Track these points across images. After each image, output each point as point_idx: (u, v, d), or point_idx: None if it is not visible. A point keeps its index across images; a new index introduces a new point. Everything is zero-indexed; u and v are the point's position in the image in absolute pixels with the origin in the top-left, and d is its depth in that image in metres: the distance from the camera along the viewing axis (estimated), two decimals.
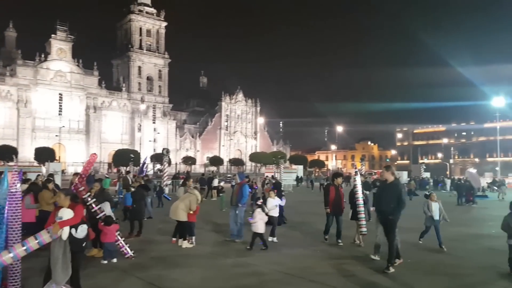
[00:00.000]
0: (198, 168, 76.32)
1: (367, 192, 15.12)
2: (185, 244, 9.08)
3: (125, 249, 7.88)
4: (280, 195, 11.48)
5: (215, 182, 24.72)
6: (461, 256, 8.55)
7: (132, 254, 7.87)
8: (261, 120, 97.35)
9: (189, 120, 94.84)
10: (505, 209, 10.63)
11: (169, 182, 28.46)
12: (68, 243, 4.74)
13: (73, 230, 4.97)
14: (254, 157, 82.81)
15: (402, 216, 7.36)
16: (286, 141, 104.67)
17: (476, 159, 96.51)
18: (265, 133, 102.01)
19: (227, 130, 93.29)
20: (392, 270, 6.98)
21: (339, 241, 9.50)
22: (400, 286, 6.32)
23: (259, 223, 8.82)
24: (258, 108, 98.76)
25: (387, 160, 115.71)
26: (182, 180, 24.90)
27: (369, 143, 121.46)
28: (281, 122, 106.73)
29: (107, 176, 29.61)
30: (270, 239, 9.78)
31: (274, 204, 10.01)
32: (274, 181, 20.44)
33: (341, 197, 9.54)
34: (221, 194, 19.57)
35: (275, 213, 9.98)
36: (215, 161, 77.96)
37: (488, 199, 25.79)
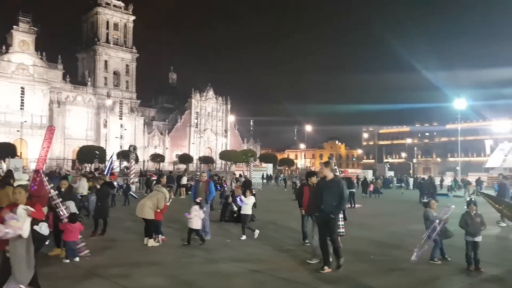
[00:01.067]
0: (167, 166, 75.28)
1: None
2: (151, 242, 8.97)
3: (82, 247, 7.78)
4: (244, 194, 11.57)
5: (184, 180, 24.49)
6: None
7: (86, 253, 7.77)
8: (231, 118, 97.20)
9: (158, 116, 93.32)
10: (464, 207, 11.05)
11: (136, 180, 27.94)
12: (32, 241, 4.60)
13: (37, 227, 4.83)
14: (224, 155, 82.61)
15: (364, 213, 7.56)
16: (256, 140, 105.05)
17: (438, 159, 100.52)
18: (236, 131, 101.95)
19: (197, 127, 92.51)
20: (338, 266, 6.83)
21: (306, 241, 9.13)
22: (360, 282, 6.51)
23: (194, 219, 9.01)
24: (229, 106, 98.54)
25: (354, 159, 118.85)
26: (154, 178, 24.57)
27: (336, 142, 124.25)
28: (251, 121, 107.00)
29: (68, 172, 28.70)
30: (243, 237, 9.90)
31: (252, 201, 10.19)
32: (243, 179, 20.55)
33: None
34: (189, 192, 19.42)
35: (248, 211, 10.08)
36: (185, 158, 77.18)
37: (449, 198, 26.92)
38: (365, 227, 12.18)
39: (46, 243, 5.17)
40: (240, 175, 30.00)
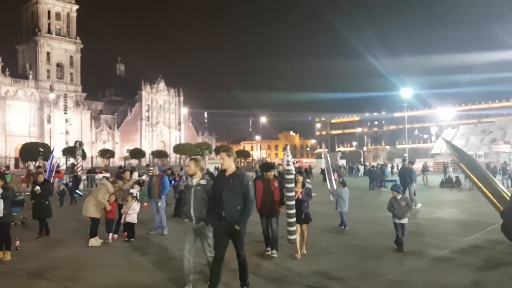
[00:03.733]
0: (117, 162, 72.76)
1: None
2: (91, 242, 8.50)
3: None
4: None
5: (135, 175, 23.71)
6: (368, 237, 9.20)
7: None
8: (184, 110, 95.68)
9: (106, 110, 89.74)
10: (417, 193, 11.61)
11: (84, 177, 26.73)
12: None
13: None
14: (178, 148, 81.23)
15: (317, 201, 7.62)
16: (211, 132, 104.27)
17: (387, 146, 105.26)
18: (190, 124, 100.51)
19: (148, 120, 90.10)
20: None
21: (273, 252, 7.29)
22: (313, 269, 6.62)
23: (133, 214, 8.90)
24: (182, 98, 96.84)
25: (308, 149, 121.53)
26: (102, 175, 23.44)
27: (291, 133, 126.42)
28: (205, 113, 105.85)
29: (6, 171, 26.81)
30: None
31: None
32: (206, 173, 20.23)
33: (273, 194, 7.22)
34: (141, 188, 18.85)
35: None
36: (136, 153, 75.06)
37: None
38: (318, 215, 12.43)
39: None
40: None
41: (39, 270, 6.73)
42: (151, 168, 11.45)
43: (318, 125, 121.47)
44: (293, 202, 6.90)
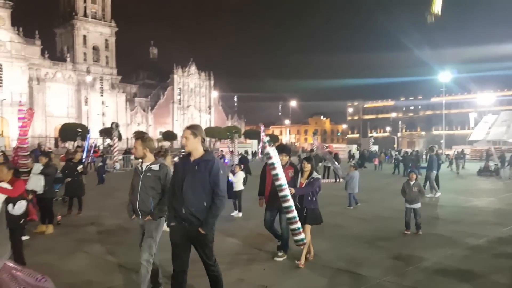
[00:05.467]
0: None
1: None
2: None
3: None
4: (248, 171, 11.51)
5: (168, 159, 24.27)
6: (401, 224, 9.03)
7: None
8: (215, 94, 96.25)
9: (140, 93, 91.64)
10: (447, 180, 11.24)
11: (120, 157, 27.65)
12: (4, 220, 4.49)
13: (9, 206, 4.73)
14: (208, 132, 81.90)
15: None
16: (241, 116, 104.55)
17: (423, 132, 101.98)
18: (220, 108, 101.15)
19: (180, 104, 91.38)
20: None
21: (279, 253, 6.15)
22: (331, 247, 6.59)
23: None
24: (212, 82, 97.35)
25: (338, 134, 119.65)
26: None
27: (321, 117, 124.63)
28: (235, 97, 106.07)
29: (50, 150, 28.11)
30: (234, 213, 9.84)
31: (241, 177, 10.13)
32: (240, 156, 20.45)
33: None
34: None
35: (239, 187, 10.02)
36: (168, 136, 76.52)
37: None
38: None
39: (21, 222, 5.06)
40: (246, 152, 29.92)
41: (78, 243, 7.08)
42: (183, 151, 11.62)
43: (350, 110, 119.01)
44: (285, 193, 5.24)
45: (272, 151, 5.29)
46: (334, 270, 5.63)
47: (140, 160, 4.45)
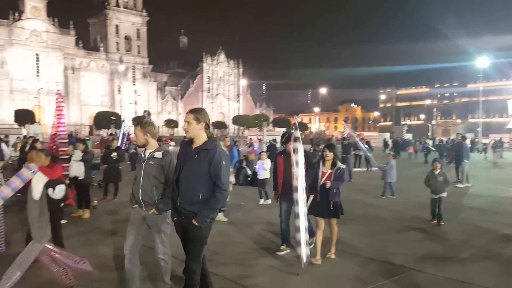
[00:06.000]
0: (180, 131, 75.72)
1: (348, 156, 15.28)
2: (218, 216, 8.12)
3: None
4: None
5: None
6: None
7: None
8: (243, 82, 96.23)
9: (170, 82, 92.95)
10: (484, 170, 10.81)
11: None
12: (46, 203, 4.67)
13: (50, 190, 4.91)
14: (237, 120, 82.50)
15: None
16: (269, 104, 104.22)
17: (458, 120, 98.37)
18: (248, 96, 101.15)
19: (209, 92, 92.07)
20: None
21: (282, 247, 5.81)
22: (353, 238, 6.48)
23: None
24: (241, 70, 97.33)
25: (370, 122, 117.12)
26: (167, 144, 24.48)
27: (352, 105, 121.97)
28: (264, 85, 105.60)
29: (87, 137, 29.19)
30: (262, 201, 9.87)
31: (269, 164, 10.04)
32: (269, 144, 20.39)
33: None
34: None
35: (266, 175, 10.02)
36: None
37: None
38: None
39: (61, 205, 5.26)
40: (274, 140, 29.89)
41: (114, 227, 7.31)
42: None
43: (383, 97, 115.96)
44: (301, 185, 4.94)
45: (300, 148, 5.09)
46: (366, 259, 5.55)
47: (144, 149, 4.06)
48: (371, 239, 6.63)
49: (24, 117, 50.04)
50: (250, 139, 32.17)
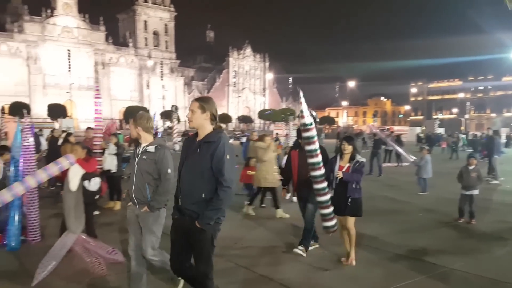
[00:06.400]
0: None
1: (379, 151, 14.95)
2: (279, 213, 7.70)
3: None
4: None
5: None
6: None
7: None
8: (270, 76, 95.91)
9: (197, 76, 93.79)
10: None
11: (179, 139, 28.68)
12: (81, 195, 4.80)
13: (86, 182, 5.04)
14: (262, 114, 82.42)
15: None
16: (295, 98, 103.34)
17: (493, 114, 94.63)
18: (274, 90, 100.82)
19: (235, 86, 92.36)
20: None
21: (299, 247, 5.37)
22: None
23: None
24: (267, 64, 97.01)
25: (400, 116, 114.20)
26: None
27: (382, 98, 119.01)
28: (290, 78, 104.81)
29: (118, 131, 29.85)
30: (288, 196, 9.78)
31: None
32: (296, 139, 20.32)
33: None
34: None
35: None
36: (224, 118, 77.75)
37: (504, 155, 25.39)
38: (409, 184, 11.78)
39: (96, 197, 5.40)
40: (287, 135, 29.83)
41: None
42: (238, 132, 11.72)
43: (414, 90, 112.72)
44: (321, 172, 4.61)
45: (311, 120, 4.50)
46: (396, 255, 5.43)
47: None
48: (401, 235, 6.48)
49: (57, 111, 51.75)
50: (277, 133, 32.08)
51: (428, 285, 4.54)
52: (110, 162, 8.29)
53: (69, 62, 70.05)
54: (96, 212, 6.98)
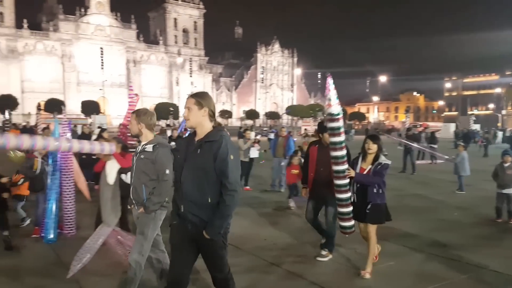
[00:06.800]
0: (234, 122, 76.83)
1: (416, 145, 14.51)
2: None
3: None
4: None
5: (252, 135, 24.76)
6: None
7: None
8: (298, 71, 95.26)
9: (225, 73, 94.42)
10: None
11: None
12: (118, 188, 4.86)
13: (123, 175, 5.09)
14: (290, 110, 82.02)
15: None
16: (324, 93, 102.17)
17: None
18: (302, 85, 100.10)
19: (262, 82, 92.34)
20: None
21: (323, 252, 5.09)
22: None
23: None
24: (295, 59, 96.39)
25: (434, 111, 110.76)
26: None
27: (414, 93, 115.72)
28: (319, 74, 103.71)
29: None
30: None
31: None
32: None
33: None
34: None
35: None
36: (251, 114, 78.03)
37: None
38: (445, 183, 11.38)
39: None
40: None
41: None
42: (266, 128, 11.66)
43: (448, 85, 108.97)
44: (344, 167, 4.08)
45: (339, 109, 4.01)
46: (431, 256, 5.24)
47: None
48: (436, 234, 6.24)
49: (90, 108, 53.38)
50: (305, 129, 31.86)
51: (466, 286, 4.36)
52: None
53: (102, 59, 72.07)
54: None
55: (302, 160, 8.19)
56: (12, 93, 53.56)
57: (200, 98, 2.92)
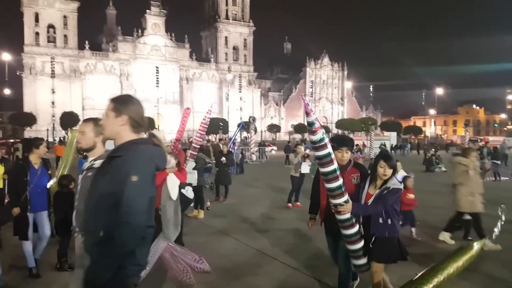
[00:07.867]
0: (282, 136, 76.81)
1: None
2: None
3: None
4: None
5: (302, 150, 24.55)
6: None
7: None
8: (348, 84, 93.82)
9: (273, 87, 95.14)
10: None
11: (256, 149, 29.12)
12: (179, 203, 4.95)
13: (183, 190, 5.19)
14: (341, 124, 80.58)
15: None
16: (376, 107, 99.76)
17: None
18: (353, 99, 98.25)
19: (311, 96, 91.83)
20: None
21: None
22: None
23: None
24: (345, 72, 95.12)
25: (495, 125, 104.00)
26: (270, 148, 24.95)
27: (474, 106, 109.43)
28: (371, 86, 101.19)
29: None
30: None
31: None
32: (380, 150, 19.52)
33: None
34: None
35: None
36: (300, 128, 77.55)
37: None
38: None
39: (191, 205, 5.58)
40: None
41: (226, 227, 7.61)
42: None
43: (510, 97, 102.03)
44: (345, 199, 3.35)
45: (323, 135, 3.16)
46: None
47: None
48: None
49: (147, 123, 55.81)
50: (357, 144, 31.11)
51: None
52: (190, 177, 8.47)
53: (157, 78, 75.52)
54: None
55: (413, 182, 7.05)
56: (74, 110, 57.52)
57: (118, 103, 2.37)
